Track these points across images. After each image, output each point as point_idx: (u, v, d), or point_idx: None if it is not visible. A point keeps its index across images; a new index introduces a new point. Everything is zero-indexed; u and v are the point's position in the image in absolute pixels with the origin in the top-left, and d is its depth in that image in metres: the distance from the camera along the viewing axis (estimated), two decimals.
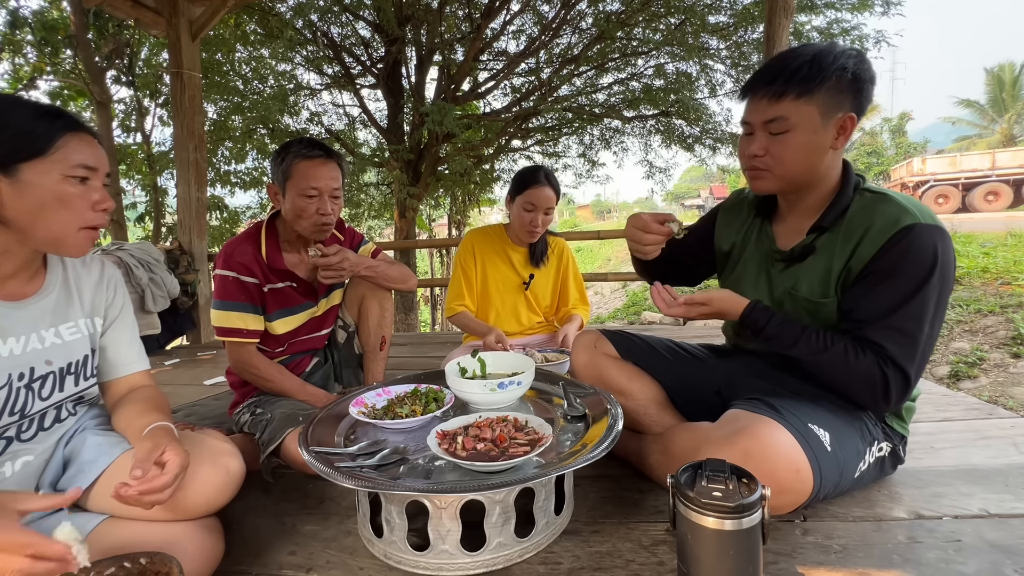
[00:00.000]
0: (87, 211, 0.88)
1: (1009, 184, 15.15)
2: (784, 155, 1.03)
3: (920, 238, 0.95)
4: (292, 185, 1.44)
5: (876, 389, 0.97)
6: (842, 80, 0.98)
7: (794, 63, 0.99)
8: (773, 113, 1.01)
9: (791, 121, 1.00)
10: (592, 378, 1.41)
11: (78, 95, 6.27)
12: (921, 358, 0.97)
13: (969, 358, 3.76)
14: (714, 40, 6.12)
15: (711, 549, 0.76)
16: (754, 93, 1.04)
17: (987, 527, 1.00)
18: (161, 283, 3.35)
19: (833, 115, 1.00)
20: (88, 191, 0.88)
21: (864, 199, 1.05)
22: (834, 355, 1.00)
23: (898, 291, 0.96)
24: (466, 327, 2.05)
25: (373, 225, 10.26)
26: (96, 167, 0.89)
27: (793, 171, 1.05)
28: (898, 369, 0.96)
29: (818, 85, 0.98)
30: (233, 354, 1.49)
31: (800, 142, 1.02)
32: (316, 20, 6.16)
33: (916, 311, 0.95)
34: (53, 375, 0.93)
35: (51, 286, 0.96)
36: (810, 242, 1.09)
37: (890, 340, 0.96)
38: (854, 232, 1.02)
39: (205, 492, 0.92)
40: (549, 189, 1.92)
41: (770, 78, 1.01)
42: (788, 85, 0.99)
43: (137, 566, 0.72)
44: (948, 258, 0.96)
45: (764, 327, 1.07)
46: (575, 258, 2.22)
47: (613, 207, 61.73)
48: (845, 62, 0.98)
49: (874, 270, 0.99)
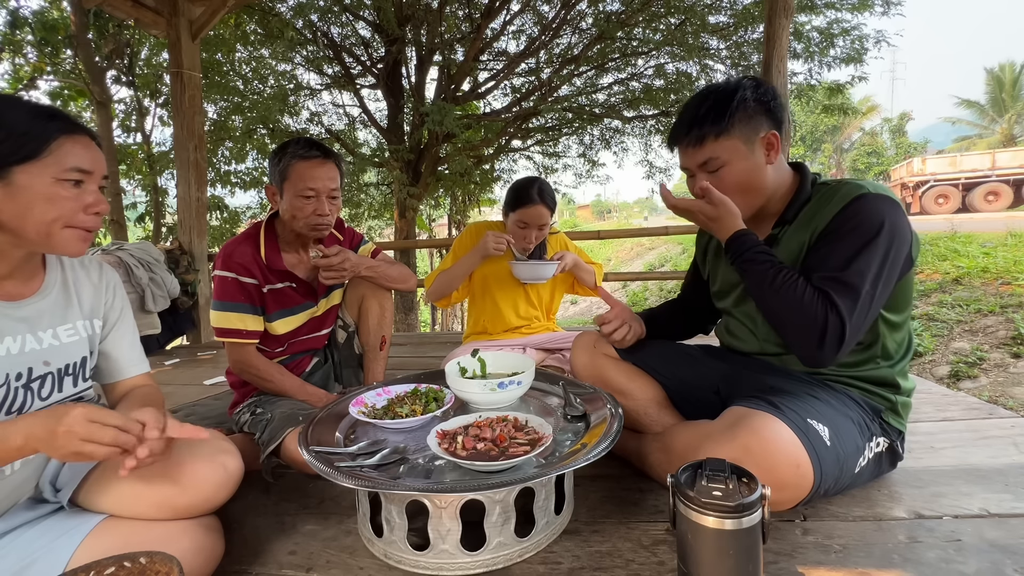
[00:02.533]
0: (78, 213, 0.87)
1: (1009, 184, 15.15)
2: (729, 188, 1.11)
3: (869, 204, 1.01)
4: (289, 186, 1.44)
5: (815, 329, 0.98)
6: (747, 108, 1.08)
7: (701, 110, 1.09)
8: (702, 157, 1.11)
9: (721, 158, 1.10)
10: (592, 378, 1.41)
11: (78, 95, 6.27)
12: (859, 313, 0.98)
13: (969, 358, 3.76)
14: (714, 40, 6.12)
15: (711, 548, 0.76)
16: (679, 144, 1.15)
17: (987, 527, 1.00)
18: (161, 283, 3.35)
19: (755, 138, 1.09)
20: (81, 194, 0.87)
21: (823, 190, 1.11)
22: (792, 287, 1.01)
23: (847, 248, 1.01)
24: (449, 280, 1.92)
25: (373, 225, 10.25)
26: (91, 170, 0.87)
27: (747, 195, 1.12)
28: (838, 316, 0.97)
29: (728, 121, 1.07)
30: (233, 355, 1.49)
31: (737, 171, 1.10)
32: (316, 20, 6.16)
33: (862, 266, 0.98)
34: (52, 376, 0.93)
35: (49, 288, 0.96)
36: (776, 234, 1.15)
37: (836, 290, 0.99)
38: (815, 214, 1.09)
39: (203, 490, 0.92)
40: (542, 207, 1.87)
41: (686, 129, 1.12)
42: (703, 130, 1.09)
43: (137, 566, 0.72)
44: (897, 224, 1.00)
45: (747, 249, 1.08)
46: (573, 244, 2.16)
47: (613, 207, 61.77)
48: (744, 93, 1.08)
49: (827, 232, 1.05)
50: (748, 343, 1.26)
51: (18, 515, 0.89)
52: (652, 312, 1.50)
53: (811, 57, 5.83)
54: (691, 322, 1.51)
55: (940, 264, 5.37)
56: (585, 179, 8.04)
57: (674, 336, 1.50)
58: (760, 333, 1.23)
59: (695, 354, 1.39)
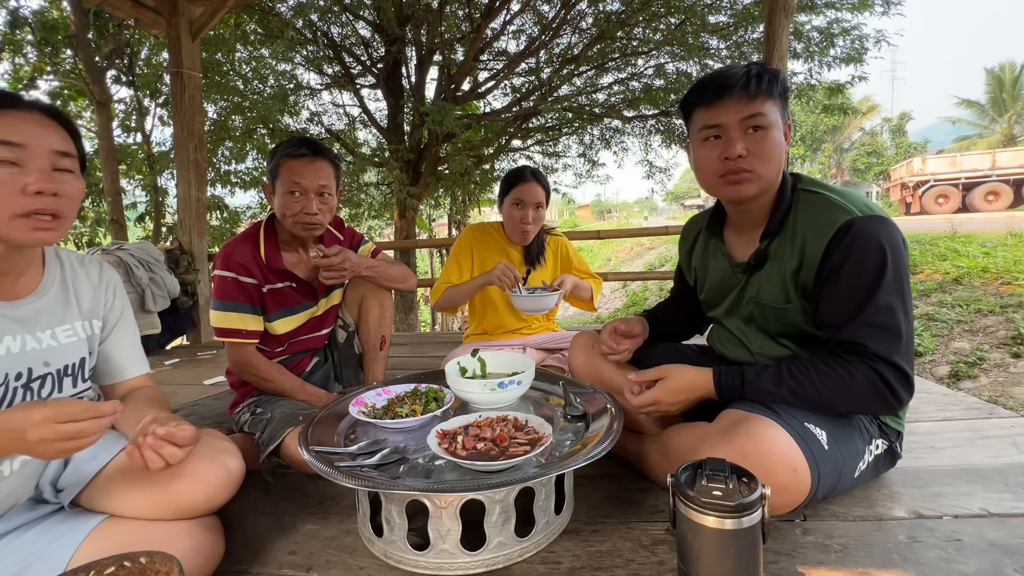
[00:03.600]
0: (16, 197, 0.76)
1: (1009, 184, 15.16)
2: (767, 152, 1.04)
3: (861, 232, 0.96)
4: (279, 184, 1.45)
5: (882, 392, 0.95)
6: (782, 91, 1.06)
7: (751, 72, 1.03)
8: (754, 109, 1.02)
9: (768, 118, 1.03)
10: (590, 378, 1.41)
11: (78, 95, 6.27)
12: (906, 346, 0.96)
13: (969, 358, 3.75)
14: (714, 40, 6.12)
15: (711, 548, 0.76)
16: (729, 95, 1.04)
17: (987, 526, 1.00)
18: (161, 283, 3.35)
19: (783, 120, 1.07)
20: (17, 175, 0.76)
21: (802, 199, 1.08)
22: (826, 381, 0.97)
23: (858, 288, 0.97)
24: (455, 297, 1.94)
25: (373, 225, 10.25)
26: (22, 143, 0.76)
27: (773, 170, 1.06)
28: (890, 365, 0.95)
29: (779, 89, 1.05)
30: (232, 355, 1.49)
31: (777, 140, 1.05)
32: (316, 20, 6.16)
33: (884, 302, 0.95)
34: (51, 376, 0.93)
35: (47, 287, 0.95)
36: (764, 248, 1.12)
37: (870, 337, 0.96)
38: (798, 234, 1.05)
39: (204, 490, 0.92)
40: (536, 184, 1.90)
41: (737, 81, 1.03)
42: (760, 85, 1.03)
43: (137, 565, 0.72)
44: (895, 243, 0.97)
45: (745, 386, 1.05)
46: (574, 247, 2.18)
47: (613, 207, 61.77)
48: (783, 76, 1.07)
49: (828, 273, 1.00)
50: (741, 354, 1.24)
51: (18, 516, 0.89)
52: (651, 313, 1.50)
53: (811, 57, 5.83)
54: (688, 323, 1.50)
55: (940, 264, 5.37)
56: (585, 179, 8.05)
57: (674, 337, 1.50)
58: (753, 345, 1.21)
59: (693, 355, 1.38)
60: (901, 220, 14.13)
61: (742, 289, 1.19)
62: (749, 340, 1.22)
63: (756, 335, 1.20)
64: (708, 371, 1.08)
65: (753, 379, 1.04)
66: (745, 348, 1.23)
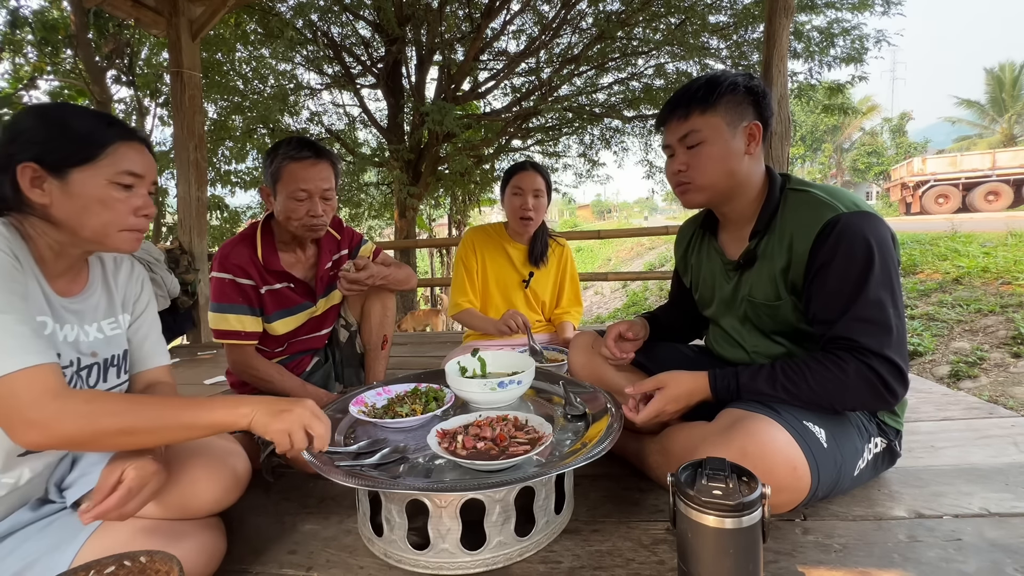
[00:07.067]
0: (129, 215, 0.91)
1: (1009, 184, 15.17)
2: (701, 164, 1.11)
3: (847, 228, 0.98)
4: (282, 187, 1.44)
5: (875, 386, 0.95)
6: (737, 93, 1.09)
7: (692, 88, 1.12)
8: (684, 129, 1.12)
9: (702, 133, 1.10)
10: (590, 378, 1.41)
11: (78, 95, 6.26)
12: (897, 339, 0.96)
13: (969, 358, 3.75)
14: (714, 40, 6.12)
15: (711, 547, 0.76)
16: (667, 121, 1.16)
17: (987, 526, 1.00)
18: (161, 283, 3.35)
19: (738, 124, 1.09)
20: (131, 197, 0.91)
21: (790, 198, 1.10)
22: (819, 378, 0.98)
23: (846, 283, 0.98)
24: (471, 324, 2.05)
25: (373, 225, 10.26)
26: (142, 174, 0.92)
27: (712, 179, 1.12)
28: (881, 358, 0.95)
29: (716, 99, 1.08)
30: (232, 356, 1.49)
31: (714, 151, 1.10)
32: (316, 20, 6.17)
33: (873, 296, 0.96)
34: (98, 366, 0.97)
35: (94, 285, 1.00)
36: (752, 247, 1.14)
37: (860, 332, 0.96)
38: (785, 233, 1.07)
39: (213, 492, 0.94)
40: (534, 172, 1.95)
41: (675, 105, 1.14)
42: (691, 104, 1.10)
43: (137, 564, 0.72)
44: (882, 238, 0.98)
45: (741, 388, 1.06)
46: (575, 262, 2.23)
47: (613, 207, 61.75)
48: (735, 79, 1.10)
49: (816, 270, 1.01)
50: (737, 354, 1.25)
51: (22, 515, 0.89)
52: (653, 314, 1.50)
53: (811, 57, 5.83)
54: (688, 325, 1.50)
55: (940, 264, 5.36)
56: (585, 179, 8.06)
57: (676, 339, 1.49)
58: (748, 344, 1.21)
59: (692, 355, 1.39)
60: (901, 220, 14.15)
61: (735, 288, 1.21)
62: (744, 339, 1.22)
63: (751, 333, 1.21)
64: (704, 375, 1.09)
65: (748, 381, 1.05)
66: (741, 347, 1.24)
